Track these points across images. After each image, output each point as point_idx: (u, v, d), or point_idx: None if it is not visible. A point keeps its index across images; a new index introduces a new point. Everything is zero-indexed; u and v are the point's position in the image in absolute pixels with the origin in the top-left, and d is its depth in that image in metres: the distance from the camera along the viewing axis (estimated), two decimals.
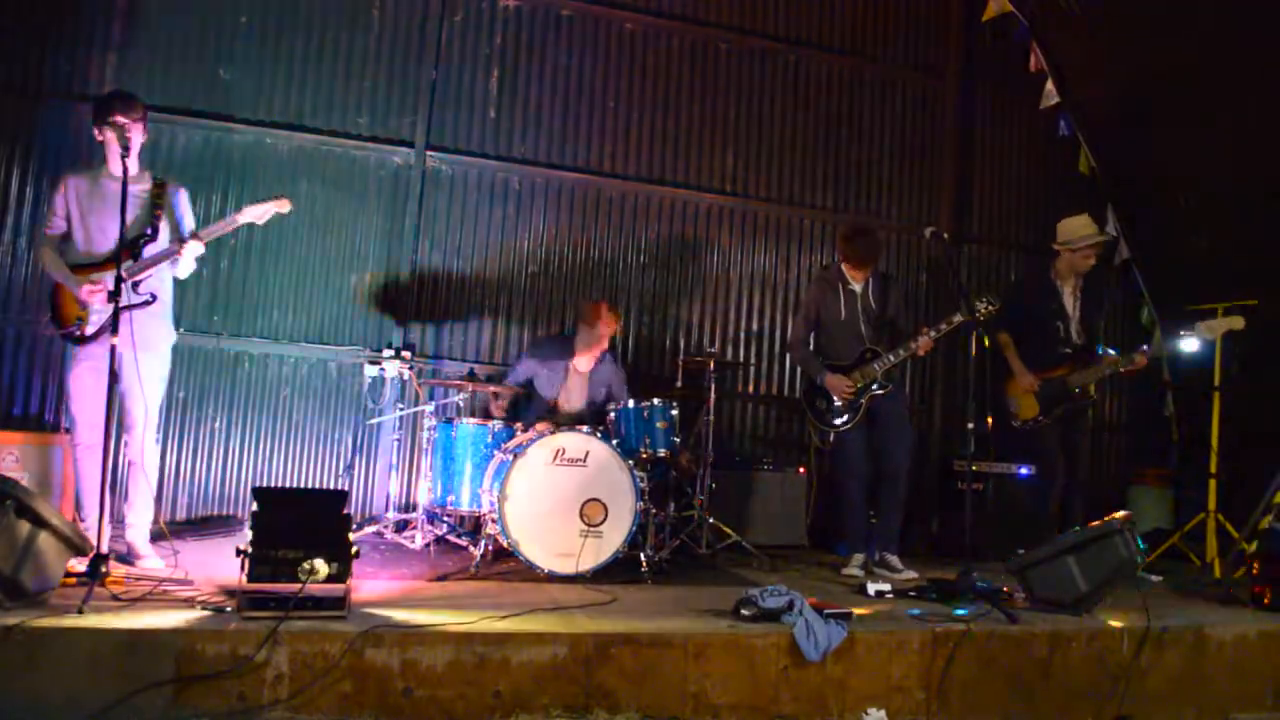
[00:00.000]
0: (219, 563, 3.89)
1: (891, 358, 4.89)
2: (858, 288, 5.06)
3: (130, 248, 3.90)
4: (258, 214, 4.13)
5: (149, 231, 3.99)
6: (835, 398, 4.98)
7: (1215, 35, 6.06)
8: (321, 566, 3.04)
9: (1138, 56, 6.64)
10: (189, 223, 4.16)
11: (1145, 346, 5.28)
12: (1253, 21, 5.80)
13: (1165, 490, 6.86)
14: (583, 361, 5.29)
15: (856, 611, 3.60)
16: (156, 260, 3.94)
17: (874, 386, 4.93)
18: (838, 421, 5.00)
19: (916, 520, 5.95)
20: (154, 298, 3.93)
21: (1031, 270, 6.50)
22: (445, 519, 5.13)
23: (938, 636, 3.49)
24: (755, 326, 6.60)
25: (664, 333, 6.39)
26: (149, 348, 3.95)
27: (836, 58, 6.82)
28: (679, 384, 5.83)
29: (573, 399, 5.31)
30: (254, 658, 2.79)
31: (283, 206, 4.19)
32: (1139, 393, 7.19)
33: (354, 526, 4.43)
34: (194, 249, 3.98)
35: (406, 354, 5.17)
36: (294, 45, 5.72)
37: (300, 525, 3.13)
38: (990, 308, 4.63)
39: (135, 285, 3.89)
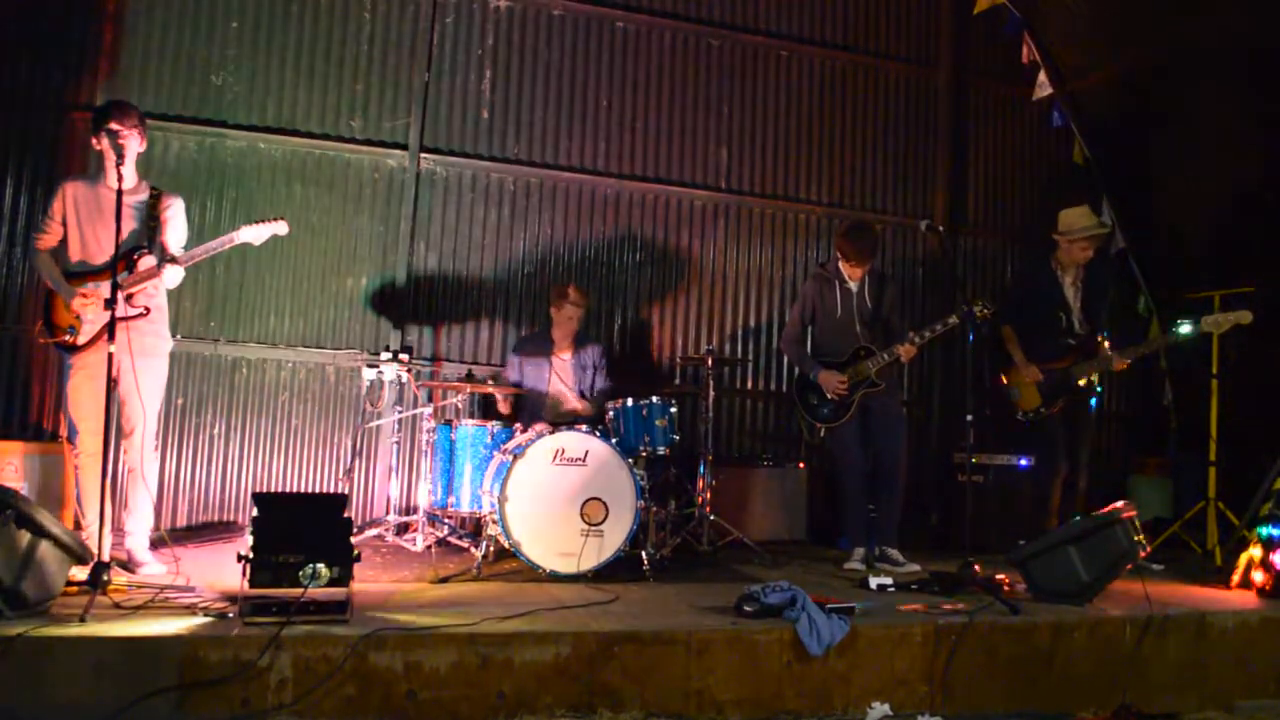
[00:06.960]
0: (220, 569, 3.89)
1: (885, 356, 4.90)
2: (854, 286, 5.06)
3: (125, 259, 3.90)
4: (255, 235, 4.14)
5: (145, 244, 3.98)
6: (827, 393, 4.99)
7: (1207, 23, 6.06)
8: (323, 571, 3.04)
9: (1130, 46, 6.64)
10: (180, 235, 4.14)
11: (1122, 348, 5.15)
12: (1245, 8, 5.80)
13: (1165, 479, 6.86)
14: (563, 348, 5.38)
15: (858, 606, 3.60)
16: (146, 277, 3.94)
17: (866, 384, 4.94)
18: (829, 416, 5.01)
19: (917, 513, 5.95)
20: (147, 310, 3.93)
21: (1031, 261, 6.50)
22: (446, 521, 5.13)
23: (940, 629, 3.49)
24: (752, 322, 6.59)
25: (661, 330, 6.39)
26: (146, 355, 3.96)
27: (828, 52, 6.83)
28: (677, 381, 5.81)
29: (561, 386, 5.37)
30: (257, 663, 2.79)
31: (280, 228, 4.19)
32: (1138, 382, 7.19)
33: (355, 530, 4.44)
34: (173, 273, 3.96)
35: (404, 356, 5.16)
36: (285, 50, 5.71)
37: (301, 530, 3.13)
38: (986, 311, 4.62)
39: (129, 297, 3.88)
